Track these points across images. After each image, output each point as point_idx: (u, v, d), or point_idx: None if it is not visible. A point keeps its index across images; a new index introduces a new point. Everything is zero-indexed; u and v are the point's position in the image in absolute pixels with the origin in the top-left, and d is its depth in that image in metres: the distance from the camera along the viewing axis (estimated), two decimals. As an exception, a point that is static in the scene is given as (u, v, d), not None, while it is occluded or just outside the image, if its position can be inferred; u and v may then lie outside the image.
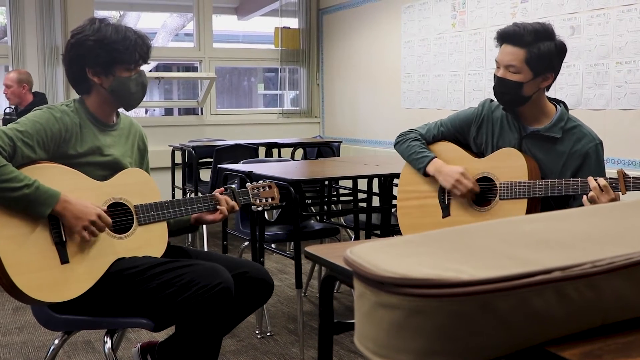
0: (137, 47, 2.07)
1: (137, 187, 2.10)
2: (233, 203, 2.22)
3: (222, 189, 2.25)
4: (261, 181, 2.37)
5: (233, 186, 2.28)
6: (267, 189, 2.34)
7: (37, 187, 1.86)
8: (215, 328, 1.95)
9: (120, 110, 2.22)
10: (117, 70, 2.07)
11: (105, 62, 2.05)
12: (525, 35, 2.13)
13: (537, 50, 2.12)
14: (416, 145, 2.40)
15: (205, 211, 2.18)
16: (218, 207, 2.18)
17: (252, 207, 2.31)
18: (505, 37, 2.18)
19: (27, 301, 1.91)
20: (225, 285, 1.90)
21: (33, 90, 4.90)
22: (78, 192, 1.97)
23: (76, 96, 2.17)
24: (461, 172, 2.26)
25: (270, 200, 2.32)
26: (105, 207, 2.01)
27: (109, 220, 1.96)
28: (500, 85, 2.19)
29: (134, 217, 2.06)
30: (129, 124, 2.25)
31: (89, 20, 2.11)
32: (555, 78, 2.20)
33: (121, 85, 2.08)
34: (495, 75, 2.22)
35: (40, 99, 4.80)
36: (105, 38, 2.04)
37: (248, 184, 2.33)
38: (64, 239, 1.92)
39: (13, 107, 4.84)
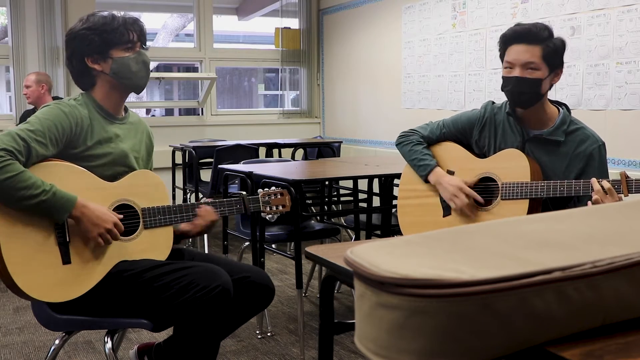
0: (127, 25, 2.09)
1: (146, 189, 2.09)
2: (213, 217, 2.17)
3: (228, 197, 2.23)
4: (273, 188, 2.33)
5: (243, 193, 2.26)
6: (279, 196, 2.30)
7: (55, 192, 1.85)
8: (214, 330, 1.95)
9: (129, 103, 2.21)
10: (113, 52, 2.07)
11: (100, 46, 2.06)
12: (540, 32, 2.14)
13: (553, 45, 2.14)
14: (418, 151, 2.39)
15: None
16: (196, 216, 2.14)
17: (262, 214, 2.29)
18: (516, 37, 2.16)
19: (28, 298, 1.91)
20: (223, 287, 1.90)
21: (53, 95, 4.94)
22: (87, 191, 1.96)
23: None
24: (460, 187, 2.26)
25: (281, 208, 2.29)
26: (112, 209, 2.01)
27: (122, 228, 1.96)
28: (520, 84, 2.14)
29: (141, 219, 2.05)
30: (138, 121, 2.25)
31: (79, 18, 2.14)
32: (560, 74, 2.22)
33: (121, 66, 2.07)
34: (507, 76, 2.18)
35: None
36: (94, 24, 2.07)
37: (260, 190, 2.29)
38: (68, 240, 1.93)
39: (33, 107, 4.90)
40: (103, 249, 1.97)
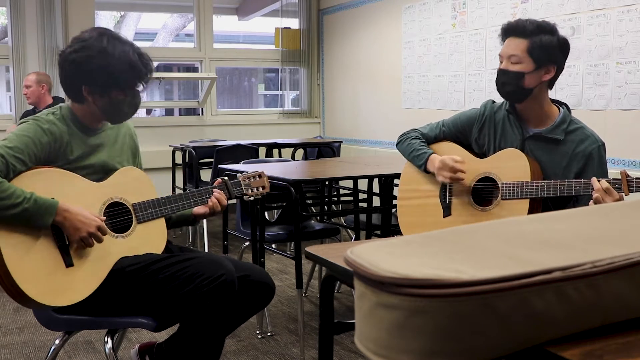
0: (139, 74, 2.04)
1: (133, 184, 2.11)
2: (224, 202, 2.23)
3: (220, 180, 2.27)
4: (251, 170, 2.39)
5: (226, 178, 2.30)
6: (258, 178, 2.36)
7: (35, 199, 1.85)
8: (219, 321, 1.96)
9: None
10: (113, 93, 2.03)
11: (104, 85, 2.02)
12: (527, 26, 2.16)
13: (539, 40, 2.14)
14: (416, 143, 2.41)
15: (201, 205, 2.21)
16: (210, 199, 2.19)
17: (244, 197, 2.33)
18: (508, 30, 2.21)
19: (35, 306, 1.91)
20: (228, 277, 1.92)
21: (53, 95, 4.94)
22: (76, 195, 1.97)
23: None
24: (452, 158, 2.26)
25: (261, 189, 2.35)
26: (104, 208, 2.02)
27: (106, 231, 1.97)
28: (502, 75, 2.20)
29: (133, 215, 2.07)
30: (118, 125, 2.22)
31: (97, 33, 2.03)
32: (557, 73, 2.21)
33: (114, 106, 2.06)
34: (497, 68, 2.24)
35: (58, 103, 4.84)
36: (109, 65, 1.98)
37: (239, 175, 2.34)
38: (67, 242, 1.93)
39: (32, 107, 4.90)
40: (102, 248, 1.98)
